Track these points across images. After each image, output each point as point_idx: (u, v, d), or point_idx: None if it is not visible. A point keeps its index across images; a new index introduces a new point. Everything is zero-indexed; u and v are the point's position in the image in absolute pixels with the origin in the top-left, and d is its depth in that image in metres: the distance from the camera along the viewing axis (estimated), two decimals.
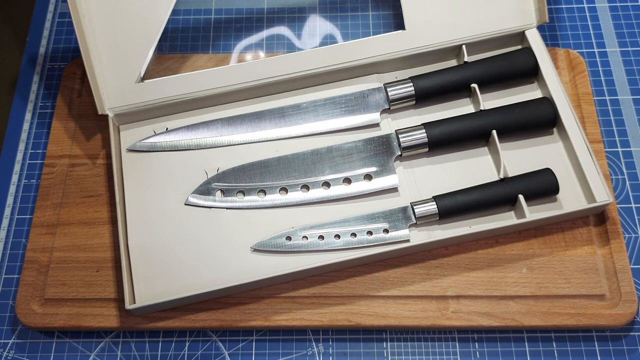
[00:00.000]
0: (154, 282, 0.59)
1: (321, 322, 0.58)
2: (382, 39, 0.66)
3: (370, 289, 0.59)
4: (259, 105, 0.67)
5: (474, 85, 0.66)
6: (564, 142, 0.64)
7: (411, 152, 0.63)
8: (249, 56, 0.73)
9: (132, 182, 0.63)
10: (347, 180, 0.62)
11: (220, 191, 0.62)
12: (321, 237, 0.60)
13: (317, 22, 0.76)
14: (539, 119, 0.64)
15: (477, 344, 0.59)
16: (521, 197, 0.60)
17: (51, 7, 0.78)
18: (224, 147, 0.65)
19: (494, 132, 0.63)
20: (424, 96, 0.65)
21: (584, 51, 0.73)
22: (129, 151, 0.65)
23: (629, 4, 0.76)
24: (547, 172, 0.62)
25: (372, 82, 0.68)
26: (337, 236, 0.60)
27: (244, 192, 0.62)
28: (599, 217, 0.62)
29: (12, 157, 0.69)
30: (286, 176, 0.63)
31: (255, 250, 0.60)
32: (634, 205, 0.65)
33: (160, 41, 0.65)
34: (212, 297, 0.59)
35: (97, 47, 0.63)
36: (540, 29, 0.68)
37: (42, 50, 0.75)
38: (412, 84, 0.65)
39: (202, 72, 0.65)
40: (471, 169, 0.64)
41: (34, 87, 0.73)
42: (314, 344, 0.60)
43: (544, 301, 0.58)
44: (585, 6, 0.76)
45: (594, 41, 0.74)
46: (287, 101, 0.67)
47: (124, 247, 0.60)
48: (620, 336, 0.59)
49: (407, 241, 0.60)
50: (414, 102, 0.66)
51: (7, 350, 0.60)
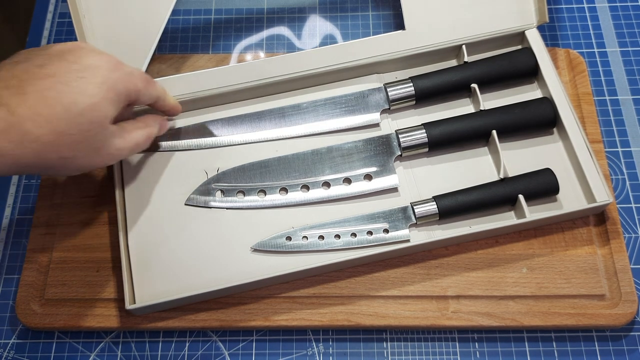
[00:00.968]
0: (154, 282, 0.59)
1: (321, 322, 0.58)
2: (382, 39, 0.66)
3: (370, 289, 0.59)
4: (259, 105, 0.67)
5: (474, 85, 0.66)
6: (564, 142, 0.64)
7: (411, 152, 0.63)
8: (249, 56, 0.73)
9: (132, 182, 0.63)
10: (347, 180, 0.63)
11: (220, 191, 0.62)
12: (321, 237, 0.60)
13: (317, 22, 0.76)
14: (539, 119, 0.64)
15: (477, 344, 0.59)
16: (521, 197, 0.60)
17: (51, 7, 0.78)
18: (224, 147, 0.65)
19: (494, 132, 0.63)
20: (424, 96, 0.65)
21: (584, 51, 0.73)
22: None
23: (629, 4, 0.76)
24: (547, 172, 0.62)
25: (372, 82, 0.68)
26: (337, 236, 0.60)
27: (244, 192, 0.62)
28: (599, 217, 0.62)
29: None
30: (286, 176, 0.63)
31: (255, 250, 0.60)
32: (634, 205, 0.65)
33: (160, 41, 0.65)
34: (212, 297, 0.59)
35: (97, 47, 0.63)
36: (540, 29, 0.68)
37: None
38: (412, 84, 0.65)
39: (202, 72, 0.65)
40: (471, 169, 0.64)
41: None
42: (314, 344, 0.60)
43: (544, 301, 0.58)
44: (585, 6, 0.76)
45: (594, 41, 0.74)
46: (288, 101, 0.67)
47: (124, 247, 0.60)
48: (620, 336, 0.59)
49: (407, 241, 0.60)
50: (414, 102, 0.66)
51: (7, 350, 0.60)
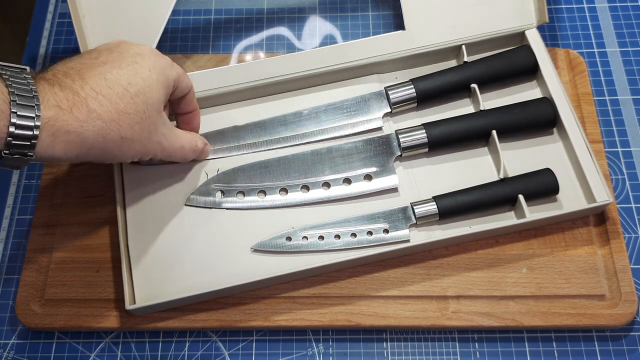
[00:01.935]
0: (154, 282, 0.59)
1: (321, 322, 0.58)
2: (382, 39, 0.66)
3: (370, 289, 0.59)
4: (259, 105, 0.67)
5: (474, 85, 0.66)
6: (564, 142, 0.64)
7: (411, 152, 0.63)
8: (249, 56, 0.73)
9: (132, 182, 0.63)
10: (347, 180, 0.62)
11: (220, 191, 0.62)
12: (321, 237, 0.60)
13: (317, 22, 0.76)
14: (539, 119, 0.64)
15: (477, 344, 0.59)
16: (521, 197, 0.60)
17: (51, 7, 0.78)
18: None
19: (494, 132, 0.63)
20: (426, 98, 0.65)
21: (584, 51, 0.73)
22: None
23: (629, 4, 0.76)
24: (547, 172, 0.62)
25: (372, 82, 0.68)
26: (337, 236, 0.60)
27: (244, 192, 0.62)
28: (599, 217, 0.62)
29: None
30: (286, 176, 0.63)
31: (255, 250, 0.60)
32: (634, 205, 0.65)
33: (160, 41, 0.64)
34: (212, 297, 0.59)
35: None
36: (540, 29, 0.68)
37: (42, 50, 0.75)
38: (413, 86, 0.65)
39: (202, 72, 0.65)
40: (471, 169, 0.64)
41: None
42: (314, 344, 0.60)
43: (544, 301, 0.58)
44: (585, 6, 0.76)
45: (594, 41, 0.74)
46: (288, 102, 0.67)
47: (124, 247, 0.60)
48: (620, 336, 0.59)
49: (407, 241, 0.60)
50: (415, 105, 0.66)
51: (7, 350, 0.60)
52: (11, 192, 0.67)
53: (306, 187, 0.62)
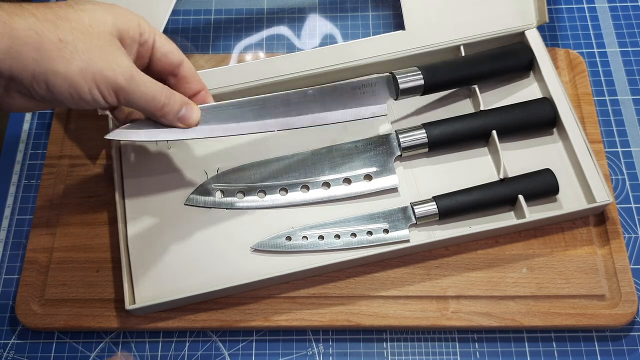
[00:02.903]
0: (154, 282, 0.59)
1: (321, 322, 0.58)
2: (382, 39, 0.66)
3: (370, 289, 0.59)
4: None
5: (474, 85, 0.66)
6: (564, 142, 0.64)
7: (411, 152, 0.63)
8: (249, 56, 0.73)
9: (132, 182, 0.63)
10: (347, 180, 0.62)
11: (220, 191, 0.62)
12: (321, 237, 0.60)
13: (317, 22, 0.76)
14: (539, 119, 0.64)
15: (477, 344, 0.59)
16: (521, 197, 0.60)
17: None
18: (224, 147, 0.65)
19: (494, 132, 0.63)
20: (430, 88, 0.63)
21: (584, 51, 0.73)
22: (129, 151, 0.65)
23: (629, 4, 0.76)
24: (547, 172, 0.62)
25: None
26: (337, 236, 0.60)
27: (244, 192, 0.62)
28: (599, 217, 0.62)
29: (12, 157, 0.69)
30: (286, 176, 0.63)
31: (255, 250, 0.60)
32: (634, 205, 0.65)
33: None
34: (212, 298, 0.59)
35: None
36: (540, 29, 0.68)
37: None
38: (421, 74, 0.62)
39: (202, 73, 0.65)
40: (471, 169, 0.64)
41: None
42: (314, 344, 0.60)
43: (544, 301, 0.58)
44: (585, 6, 0.76)
45: (594, 41, 0.74)
46: None
47: (124, 248, 0.60)
48: (620, 336, 0.59)
49: (407, 241, 0.60)
50: (421, 92, 0.63)
51: (7, 350, 0.60)
52: (11, 192, 0.67)
53: (306, 187, 0.62)
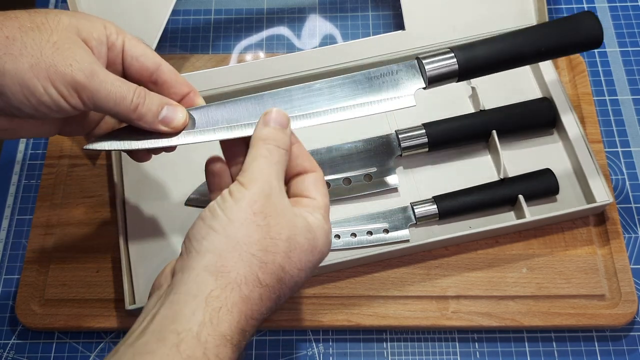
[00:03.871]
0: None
1: (321, 322, 0.58)
2: (382, 39, 0.66)
3: (370, 289, 0.59)
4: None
5: (474, 85, 0.66)
6: (564, 142, 0.64)
7: (411, 152, 0.63)
8: (249, 56, 0.73)
9: (132, 182, 0.63)
10: (347, 180, 0.62)
11: None
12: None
13: (317, 22, 0.76)
14: (539, 119, 0.64)
15: (477, 344, 0.59)
16: (521, 197, 0.60)
17: (51, 8, 0.78)
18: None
19: (494, 132, 0.63)
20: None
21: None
22: None
23: (629, 4, 0.76)
24: (547, 172, 0.62)
25: None
26: (337, 236, 0.60)
27: None
28: (599, 217, 0.62)
29: (12, 157, 0.69)
30: None
31: None
32: (634, 205, 0.65)
33: (160, 41, 0.65)
34: None
35: None
36: None
37: None
38: (454, 56, 0.53)
39: (202, 73, 0.65)
40: (471, 169, 0.64)
41: None
42: (314, 344, 0.60)
43: (544, 301, 0.58)
44: (585, 6, 0.76)
45: None
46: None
47: (124, 247, 0.60)
48: (620, 336, 0.59)
49: (407, 241, 0.60)
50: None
51: (7, 350, 0.60)
52: (11, 192, 0.67)
53: None
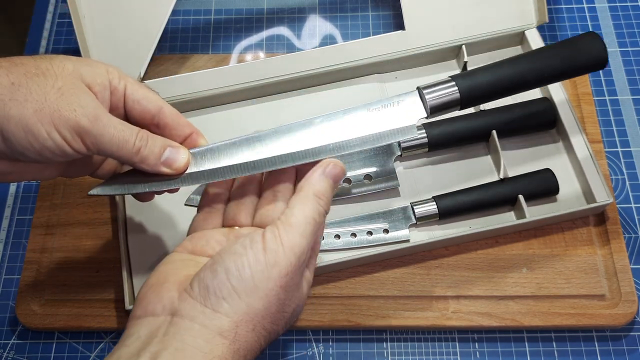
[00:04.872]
0: None
1: (321, 322, 0.58)
2: (382, 39, 0.66)
3: (370, 289, 0.59)
4: (259, 105, 0.67)
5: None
6: (564, 142, 0.64)
7: (411, 152, 0.63)
8: (249, 56, 0.73)
9: None
10: (348, 180, 0.62)
11: None
12: (321, 237, 0.60)
13: (317, 22, 0.76)
14: (539, 119, 0.64)
15: (477, 344, 0.59)
16: (521, 197, 0.60)
17: (51, 8, 0.78)
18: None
19: (494, 132, 0.63)
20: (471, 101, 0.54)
21: None
22: None
23: (629, 4, 0.76)
24: (547, 172, 0.62)
25: (372, 82, 0.68)
26: (337, 236, 0.60)
27: None
28: (599, 217, 0.62)
29: None
30: None
31: None
32: (634, 205, 0.65)
33: (160, 41, 0.65)
34: None
35: (97, 47, 0.63)
36: (540, 29, 0.68)
37: (42, 50, 0.75)
38: (455, 85, 0.53)
39: (202, 73, 0.65)
40: (471, 169, 0.64)
41: None
42: (314, 344, 0.60)
43: (544, 301, 0.58)
44: (585, 6, 0.76)
45: None
46: (288, 101, 0.67)
47: (124, 247, 0.60)
48: (620, 336, 0.59)
49: (407, 241, 0.60)
50: (458, 107, 0.54)
51: (7, 350, 0.60)
52: (11, 192, 0.67)
53: None
